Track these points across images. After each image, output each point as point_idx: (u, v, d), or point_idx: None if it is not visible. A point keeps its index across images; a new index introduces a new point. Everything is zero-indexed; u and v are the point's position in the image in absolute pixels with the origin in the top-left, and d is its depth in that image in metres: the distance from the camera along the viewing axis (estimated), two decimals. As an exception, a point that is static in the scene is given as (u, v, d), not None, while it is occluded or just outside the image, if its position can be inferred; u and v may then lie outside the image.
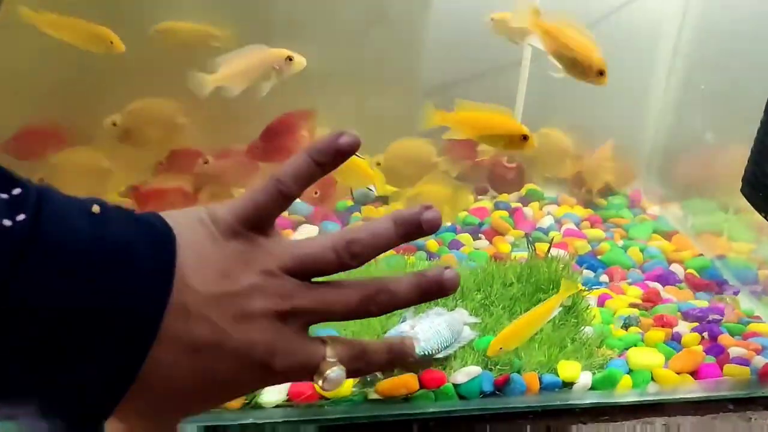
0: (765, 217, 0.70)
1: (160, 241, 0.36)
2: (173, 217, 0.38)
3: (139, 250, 0.35)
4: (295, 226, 0.99)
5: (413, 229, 0.40)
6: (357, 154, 0.41)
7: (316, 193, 0.96)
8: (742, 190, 0.72)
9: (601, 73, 0.80)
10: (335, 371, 0.39)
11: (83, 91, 0.92)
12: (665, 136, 1.12)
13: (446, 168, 1.00)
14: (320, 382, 0.39)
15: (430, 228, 0.40)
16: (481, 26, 0.96)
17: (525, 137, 0.83)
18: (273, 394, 0.67)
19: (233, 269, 0.37)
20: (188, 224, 0.38)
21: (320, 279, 0.40)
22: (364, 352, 0.41)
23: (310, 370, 0.39)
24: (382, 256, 0.89)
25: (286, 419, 0.67)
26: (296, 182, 0.39)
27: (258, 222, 0.39)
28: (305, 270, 0.39)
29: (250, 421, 0.67)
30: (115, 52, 0.83)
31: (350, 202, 1.05)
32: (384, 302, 0.40)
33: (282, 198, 0.39)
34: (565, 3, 0.91)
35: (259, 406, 0.67)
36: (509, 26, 0.92)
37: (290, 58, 0.83)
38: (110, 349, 0.34)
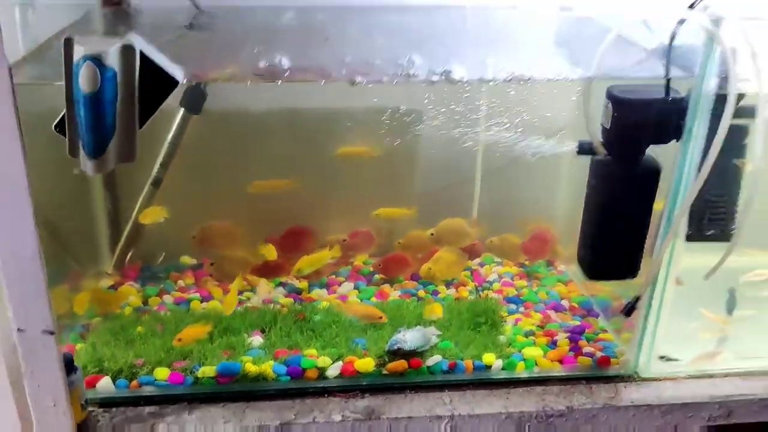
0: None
1: None
2: None
3: None
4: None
5: None
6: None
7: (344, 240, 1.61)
8: (577, 261, 1.35)
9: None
10: None
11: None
12: (570, 222, 1.74)
13: (475, 237, 1.65)
14: None
15: None
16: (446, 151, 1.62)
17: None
18: (334, 369, 1.31)
19: None
20: None
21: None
22: None
23: None
24: (390, 297, 1.53)
25: (340, 384, 1.31)
26: None
27: None
28: None
29: (321, 385, 1.31)
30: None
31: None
32: None
33: None
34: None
35: (325, 377, 1.31)
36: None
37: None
38: None
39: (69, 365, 1.14)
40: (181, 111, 1.50)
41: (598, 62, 1.20)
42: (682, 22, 1.13)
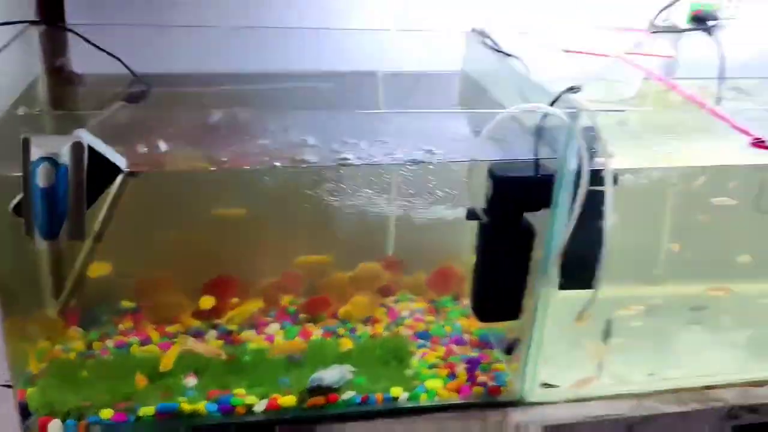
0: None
1: None
2: None
3: None
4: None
5: None
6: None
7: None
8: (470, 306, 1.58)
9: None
10: None
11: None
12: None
13: (387, 281, 1.86)
14: None
15: None
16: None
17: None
18: (260, 406, 1.50)
19: None
20: None
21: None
22: None
23: None
24: (313, 336, 1.73)
25: (266, 417, 1.51)
26: None
27: None
28: None
29: (249, 420, 1.50)
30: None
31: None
32: None
33: None
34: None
35: (253, 413, 1.50)
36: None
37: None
38: None
39: (24, 412, 1.30)
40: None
41: (484, 136, 1.44)
42: (545, 116, 1.37)
